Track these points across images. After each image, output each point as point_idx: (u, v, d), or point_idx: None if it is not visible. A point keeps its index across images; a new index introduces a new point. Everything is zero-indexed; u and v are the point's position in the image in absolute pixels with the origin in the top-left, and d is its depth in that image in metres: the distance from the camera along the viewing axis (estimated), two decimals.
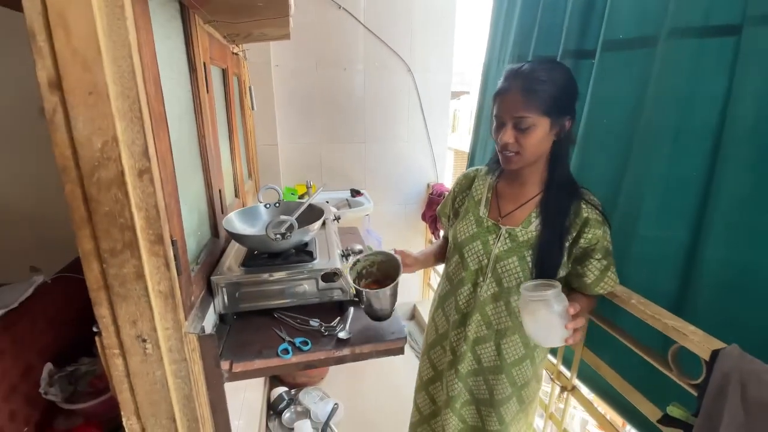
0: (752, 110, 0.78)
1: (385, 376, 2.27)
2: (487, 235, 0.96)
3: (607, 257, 0.90)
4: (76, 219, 0.61)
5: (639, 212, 0.99)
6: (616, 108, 1.08)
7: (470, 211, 1.01)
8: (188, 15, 0.90)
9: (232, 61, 1.48)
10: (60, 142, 0.57)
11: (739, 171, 0.80)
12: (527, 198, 0.94)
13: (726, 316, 0.83)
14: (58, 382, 0.95)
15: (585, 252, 0.89)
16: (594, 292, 0.93)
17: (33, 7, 0.52)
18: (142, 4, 0.64)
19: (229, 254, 1.07)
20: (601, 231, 0.88)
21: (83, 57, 0.54)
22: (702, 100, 0.87)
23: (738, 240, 0.82)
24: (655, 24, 0.96)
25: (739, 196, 0.81)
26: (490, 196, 1.00)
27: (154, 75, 0.67)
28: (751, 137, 0.78)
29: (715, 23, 0.83)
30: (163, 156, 0.68)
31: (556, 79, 0.83)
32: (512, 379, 1.01)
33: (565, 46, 1.24)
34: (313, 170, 2.45)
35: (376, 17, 2.26)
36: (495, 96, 0.87)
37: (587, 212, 0.87)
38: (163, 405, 0.75)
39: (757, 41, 0.76)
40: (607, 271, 0.90)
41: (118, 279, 0.65)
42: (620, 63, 1.06)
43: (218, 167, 1.17)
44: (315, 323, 0.97)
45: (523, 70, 0.84)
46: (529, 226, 0.92)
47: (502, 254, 0.93)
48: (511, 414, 1.03)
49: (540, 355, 1.03)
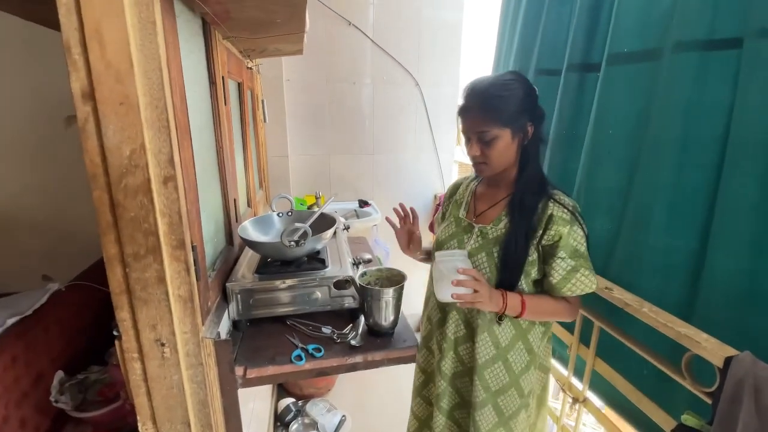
0: (756, 121, 0.79)
1: (392, 387, 2.25)
2: (463, 234, 1.01)
3: (575, 258, 0.89)
4: (102, 224, 0.63)
5: (649, 221, 1.00)
6: (623, 120, 1.10)
7: (452, 214, 1.08)
8: (209, 31, 0.94)
9: (247, 75, 1.53)
10: (90, 149, 0.60)
11: (744, 180, 0.81)
12: (500, 198, 0.98)
13: (737, 324, 0.82)
14: (69, 390, 0.96)
15: (549, 249, 0.90)
16: (561, 293, 0.91)
17: (70, 23, 0.56)
18: (170, 20, 0.67)
19: (243, 262, 1.09)
20: (566, 229, 0.88)
21: (116, 69, 0.57)
22: (707, 112, 0.89)
23: (744, 248, 0.82)
24: (658, 38, 0.99)
25: (745, 204, 0.82)
26: (470, 199, 1.06)
27: (180, 87, 0.70)
28: (755, 147, 0.80)
29: (719, 37, 0.85)
30: (186, 165, 0.71)
31: (511, 90, 0.89)
32: (485, 383, 0.98)
33: (569, 60, 1.27)
34: (322, 181, 2.48)
35: (384, 33, 2.32)
36: (458, 114, 0.94)
37: (552, 209, 0.89)
38: (178, 410, 0.76)
39: (759, 54, 0.77)
40: (576, 273, 0.89)
41: (140, 283, 0.66)
42: (625, 76, 1.09)
43: (234, 177, 1.19)
44: (327, 330, 0.98)
45: (478, 87, 0.91)
46: (499, 224, 0.95)
47: (474, 251, 0.97)
48: (488, 424, 0.99)
49: (516, 360, 0.99)
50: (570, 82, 1.28)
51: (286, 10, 0.89)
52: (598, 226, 1.18)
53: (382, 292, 0.92)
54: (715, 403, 0.70)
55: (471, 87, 0.92)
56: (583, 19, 1.21)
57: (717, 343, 0.76)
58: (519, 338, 0.98)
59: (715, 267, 0.86)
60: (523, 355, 0.98)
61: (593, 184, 1.19)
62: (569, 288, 0.90)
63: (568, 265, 0.89)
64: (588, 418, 1.74)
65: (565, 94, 1.31)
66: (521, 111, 0.89)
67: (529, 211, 0.91)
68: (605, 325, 1.07)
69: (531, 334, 0.98)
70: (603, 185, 1.16)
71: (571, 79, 1.28)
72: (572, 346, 1.24)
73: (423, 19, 2.35)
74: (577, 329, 1.21)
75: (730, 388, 0.66)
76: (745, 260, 0.82)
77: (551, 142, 1.37)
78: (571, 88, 1.28)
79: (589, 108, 1.20)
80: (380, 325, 0.96)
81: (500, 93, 0.88)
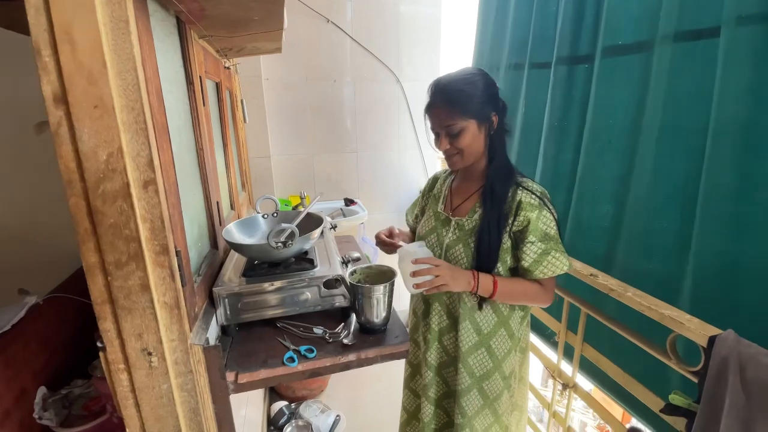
0: (732, 108, 0.82)
1: (386, 384, 2.25)
2: (442, 227, 1.05)
3: (545, 241, 0.93)
4: (80, 232, 0.61)
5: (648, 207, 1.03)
6: (620, 110, 1.13)
7: (431, 208, 1.11)
8: (185, 30, 0.92)
9: (225, 75, 1.50)
10: (65, 154, 0.57)
11: (724, 164, 0.84)
12: (473, 190, 1.02)
13: (722, 303, 0.85)
14: (53, 405, 0.93)
15: (520, 234, 0.94)
16: (534, 276, 0.94)
17: (39, 24, 0.53)
18: (144, 19, 0.65)
19: (229, 265, 1.07)
20: (534, 214, 0.92)
21: (89, 71, 0.55)
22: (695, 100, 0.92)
23: (726, 231, 0.86)
24: (649, 29, 1.02)
25: (726, 188, 0.84)
26: (447, 194, 1.09)
27: (156, 88, 0.68)
28: (734, 133, 0.82)
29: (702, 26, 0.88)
30: (166, 167, 0.69)
31: (472, 83, 0.93)
32: (470, 369, 1.03)
33: (558, 53, 1.29)
34: (307, 181, 2.46)
35: (363, 30, 2.30)
36: (425, 112, 0.99)
37: (521, 196, 0.94)
38: (169, 420, 0.74)
39: (735, 41, 0.80)
40: (547, 255, 0.93)
41: (123, 291, 0.64)
42: (620, 68, 1.11)
43: (215, 179, 1.17)
44: (319, 330, 0.97)
45: (441, 84, 0.95)
46: (473, 215, 0.99)
47: (452, 243, 1.01)
48: (474, 408, 1.03)
49: (499, 345, 1.02)
50: (560, 74, 1.30)
51: (262, 7, 0.88)
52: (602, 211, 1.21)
53: (373, 290, 0.91)
54: (701, 382, 0.72)
55: (435, 84, 0.97)
56: (570, 12, 1.23)
57: (700, 323, 0.79)
58: (501, 325, 1.02)
59: (701, 248, 0.89)
60: (505, 341, 1.03)
61: (595, 172, 1.22)
62: (541, 270, 0.93)
63: (539, 249, 0.93)
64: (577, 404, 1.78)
65: (555, 87, 1.32)
66: (484, 102, 0.94)
67: (499, 200, 0.95)
68: (593, 311, 1.09)
69: (512, 319, 1.02)
70: (605, 173, 1.19)
71: (561, 72, 1.30)
72: (560, 333, 1.26)
73: (401, 15, 2.35)
74: (564, 316, 1.23)
75: (715, 366, 0.68)
76: (727, 241, 0.85)
77: (544, 134, 1.39)
78: (561, 81, 1.30)
79: (579, 99, 1.23)
80: (372, 322, 0.95)
81: (462, 87, 0.93)
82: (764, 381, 0.60)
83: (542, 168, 1.42)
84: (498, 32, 1.64)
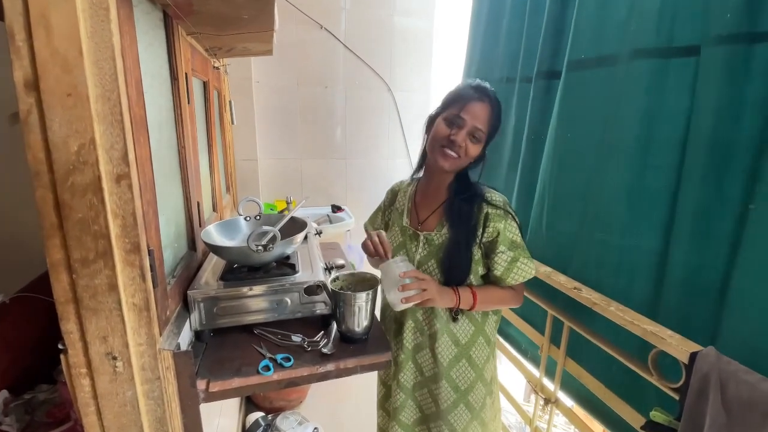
0: (712, 125, 0.83)
1: (366, 396, 2.20)
2: (411, 242, 1.04)
3: (513, 249, 0.95)
4: (45, 226, 0.57)
5: (611, 223, 1.03)
6: (583, 124, 1.13)
7: (395, 222, 1.10)
8: (171, 25, 0.90)
9: (214, 74, 1.48)
10: (34, 144, 0.54)
11: (702, 181, 0.84)
12: (438, 204, 1.02)
13: (700, 321, 0.85)
14: (14, 411, 0.89)
15: (490, 245, 0.96)
16: (506, 283, 0.97)
17: (14, 7, 0.51)
18: (126, 8, 0.63)
19: (207, 268, 1.03)
20: (501, 224, 0.94)
21: (64, 57, 0.52)
22: (667, 116, 0.92)
23: (701, 247, 0.86)
24: (615, 45, 1.03)
25: (701, 205, 0.85)
26: (410, 206, 1.08)
27: (136, 80, 0.66)
28: (709, 151, 0.83)
29: (677, 44, 0.89)
30: (142, 163, 0.66)
31: (499, 112, 0.96)
32: (453, 384, 1.02)
33: (538, 68, 1.31)
34: (294, 186, 2.43)
35: (356, 38, 2.31)
36: (462, 99, 0.93)
37: (487, 209, 0.96)
38: (133, 429, 0.70)
39: (715, 60, 0.81)
40: (516, 262, 0.95)
41: (89, 291, 0.61)
42: (583, 82, 1.12)
43: (197, 180, 1.14)
44: (297, 338, 0.94)
45: (492, 92, 0.96)
46: (442, 230, 0.99)
47: (423, 259, 1.01)
48: (463, 423, 1.02)
49: (479, 354, 1.02)
50: (539, 89, 1.31)
51: (252, 6, 0.86)
52: (562, 228, 1.21)
53: (355, 297, 0.89)
54: (683, 399, 0.72)
55: (484, 87, 0.96)
56: (550, 28, 1.25)
57: (681, 339, 0.79)
58: (479, 333, 1.02)
59: (677, 265, 0.89)
60: (483, 349, 1.03)
61: (556, 188, 1.21)
62: (512, 277, 0.96)
63: (508, 257, 0.95)
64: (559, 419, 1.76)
65: (534, 101, 1.34)
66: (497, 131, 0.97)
67: (466, 217, 0.96)
68: (575, 325, 1.09)
69: (487, 326, 1.03)
70: (565, 189, 1.19)
71: (540, 87, 1.31)
72: (543, 347, 1.25)
73: (395, 26, 2.37)
74: (548, 330, 1.22)
75: (696, 383, 0.68)
76: (704, 257, 0.85)
77: (524, 148, 1.40)
78: (539, 95, 1.32)
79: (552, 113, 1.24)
80: (353, 330, 0.92)
81: (499, 110, 0.96)
82: (745, 398, 0.59)
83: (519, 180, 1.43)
84: (488, 46, 1.66)
